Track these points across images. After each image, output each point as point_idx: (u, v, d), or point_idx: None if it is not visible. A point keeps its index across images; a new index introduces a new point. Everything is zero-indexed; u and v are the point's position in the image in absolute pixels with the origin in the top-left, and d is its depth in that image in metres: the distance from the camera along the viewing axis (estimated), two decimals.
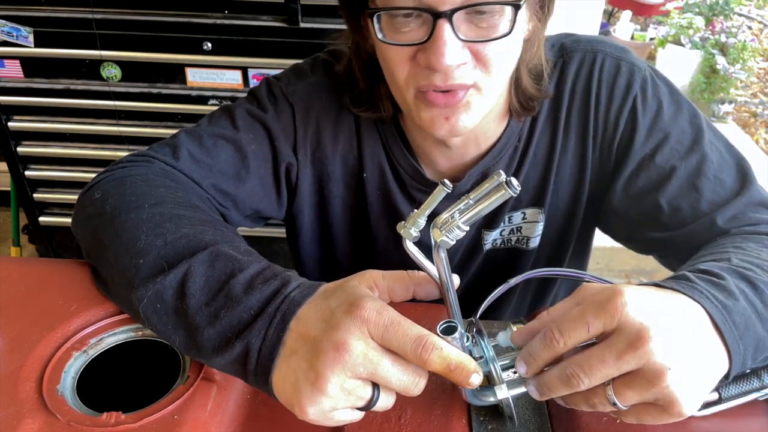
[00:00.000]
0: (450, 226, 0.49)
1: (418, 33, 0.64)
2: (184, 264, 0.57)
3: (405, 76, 0.67)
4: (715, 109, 3.01)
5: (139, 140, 1.80)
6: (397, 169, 0.84)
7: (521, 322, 0.58)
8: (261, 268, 0.56)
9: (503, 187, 0.46)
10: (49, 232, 2.01)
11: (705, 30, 3.06)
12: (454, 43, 0.62)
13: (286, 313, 0.51)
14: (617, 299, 0.48)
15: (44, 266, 0.74)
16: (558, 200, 0.85)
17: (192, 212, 0.66)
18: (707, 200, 0.74)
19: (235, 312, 0.53)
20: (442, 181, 0.50)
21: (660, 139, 0.76)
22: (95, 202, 0.68)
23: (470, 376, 0.49)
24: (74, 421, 0.54)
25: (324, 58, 0.85)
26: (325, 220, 0.90)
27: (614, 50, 0.79)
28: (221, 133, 0.79)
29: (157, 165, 0.75)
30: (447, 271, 0.52)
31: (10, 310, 0.65)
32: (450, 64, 0.62)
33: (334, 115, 0.82)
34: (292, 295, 0.53)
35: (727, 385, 0.57)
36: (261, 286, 0.54)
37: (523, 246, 0.90)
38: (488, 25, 0.63)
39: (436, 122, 0.69)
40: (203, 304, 0.55)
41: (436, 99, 0.67)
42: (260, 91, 0.83)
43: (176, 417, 0.55)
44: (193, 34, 1.63)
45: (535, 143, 0.81)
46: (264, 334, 0.51)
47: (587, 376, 0.48)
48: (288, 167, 0.83)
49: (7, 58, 1.69)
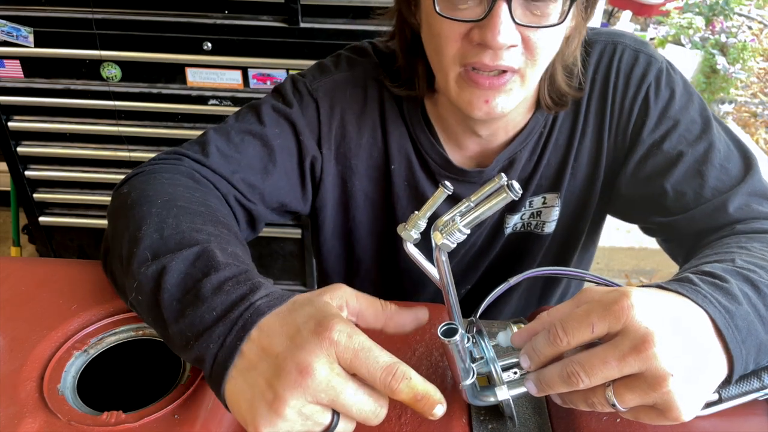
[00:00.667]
0: (451, 229, 0.48)
1: (475, 11, 0.66)
2: (167, 258, 0.57)
3: (454, 53, 0.69)
4: (715, 109, 3.01)
5: (139, 140, 1.80)
6: (425, 158, 0.85)
7: (522, 322, 0.58)
8: (237, 272, 0.55)
9: (504, 190, 0.46)
10: (49, 232, 2.01)
11: (705, 30, 3.06)
12: (509, 23, 0.64)
13: (248, 322, 0.49)
14: (624, 301, 0.48)
15: (44, 266, 0.74)
16: (574, 185, 0.87)
17: (201, 210, 0.67)
18: (711, 187, 0.75)
19: (198, 312, 0.52)
20: (442, 183, 0.50)
21: (669, 126, 0.78)
22: (122, 197, 0.70)
23: (435, 407, 0.48)
24: (75, 420, 0.54)
25: (347, 55, 0.87)
26: (347, 215, 0.91)
27: (633, 42, 0.81)
28: (248, 128, 0.81)
29: (186, 162, 0.77)
30: (448, 274, 0.52)
31: (10, 310, 0.65)
32: (504, 42, 0.64)
33: (358, 110, 0.84)
34: (258, 304, 0.51)
35: (727, 385, 0.57)
36: (229, 289, 0.53)
37: (539, 231, 0.91)
38: (541, 13, 0.66)
39: (475, 103, 0.71)
40: (175, 300, 0.54)
41: (480, 80, 0.69)
42: (285, 87, 0.85)
43: (176, 416, 0.55)
44: (193, 34, 1.63)
45: (557, 129, 0.84)
46: (222, 341, 0.49)
47: (588, 375, 0.48)
48: (313, 161, 0.84)
49: (7, 58, 1.69)
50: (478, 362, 0.56)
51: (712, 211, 0.75)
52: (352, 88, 0.84)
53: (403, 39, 0.80)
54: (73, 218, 1.96)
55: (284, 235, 1.92)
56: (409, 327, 0.56)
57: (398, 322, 0.55)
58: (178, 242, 0.59)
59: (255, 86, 1.68)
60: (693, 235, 0.77)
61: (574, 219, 0.90)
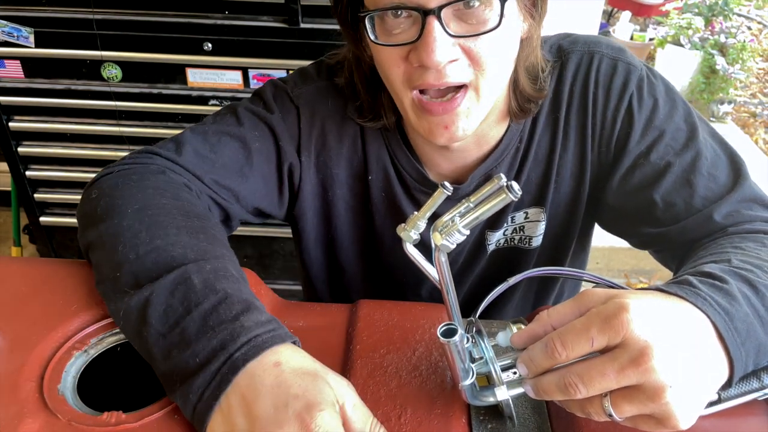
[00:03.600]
0: (450, 230, 0.48)
1: (409, 33, 0.65)
2: (147, 289, 0.58)
3: (401, 78, 0.68)
4: (714, 109, 3.01)
5: (140, 140, 1.80)
6: (401, 173, 0.85)
7: (521, 322, 0.58)
8: (216, 302, 0.56)
9: (504, 191, 0.46)
10: (50, 232, 2.01)
11: (704, 30, 3.06)
12: (443, 39, 0.63)
13: (224, 379, 0.51)
14: (623, 315, 0.48)
15: (45, 266, 0.74)
16: (559, 199, 0.85)
17: (174, 213, 0.67)
18: (700, 196, 0.74)
19: (182, 356, 0.53)
20: (442, 184, 0.50)
21: (655, 137, 0.77)
22: (91, 202, 0.70)
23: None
24: (75, 420, 0.54)
25: (329, 63, 0.85)
26: (328, 223, 0.90)
27: (611, 51, 0.79)
28: (226, 129, 0.80)
29: (157, 161, 0.76)
30: (447, 274, 0.52)
31: (10, 310, 0.65)
32: (440, 60, 0.63)
33: (339, 119, 0.83)
34: (236, 356, 0.52)
35: (728, 388, 0.57)
36: (211, 331, 0.54)
37: (526, 245, 0.90)
38: (477, 21, 0.64)
39: (435, 131, 0.70)
40: (160, 336, 0.56)
41: (433, 107, 0.68)
42: (266, 92, 0.84)
43: (176, 416, 0.55)
44: (193, 34, 1.63)
45: (536, 144, 0.82)
46: (201, 393, 0.51)
47: (585, 386, 0.48)
48: (291, 167, 0.83)
49: (8, 59, 1.69)
50: (477, 362, 0.56)
51: (703, 221, 0.74)
52: (333, 98, 0.83)
53: (362, 74, 0.79)
54: (74, 218, 1.95)
55: (284, 235, 1.92)
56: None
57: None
58: (155, 263, 0.60)
59: (255, 86, 1.68)
60: (685, 244, 0.76)
61: (562, 232, 0.89)
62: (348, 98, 0.82)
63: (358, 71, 0.79)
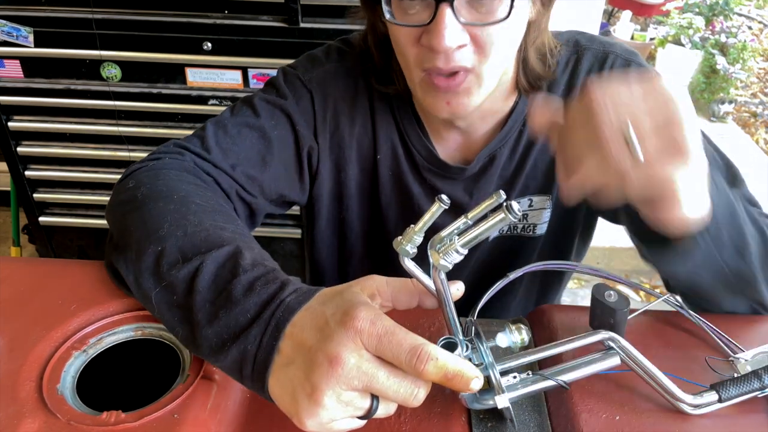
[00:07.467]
0: (448, 250, 0.48)
1: (422, 15, 0.67)
2: (198, 259, 0.58)
3: (413, 58, 0.70)
4: (715, 109, 3.01)
5: (139, 140, 1.80)
6: (410, 150, 0.86)
7: (521, 322, 0.58)
8: (265, 271, 0.56)
9: (503, 211, 0.45)
10: (49, 232, 2.01)
11: (705, 30, 3.06)
12: (454, 25, 0.65)
13: (281, 320, 0.51)
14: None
15: (44, 266, 0.74)
16: None
17: (218, 209, 0.68)
18: None
19: (232, 314, 0.53)
20: (439, 197, 0.49)
21: None
22: (128, 191, 0.70)
23: (470, 382, 0.48)
24: (74, 420, 0.54)
25: (338, 46, 0.88)
26: (340, 204, 0.92)
27: (625, 53, 0.83)
28: (245, 121, 0.81)
29: (188, 157, 0.77)
30: (445, 290, 0.52)
31: (10, 310, 0.65)
32: (449, 45, 0.65)
33: (350, 100, 0.85)
34: (288, 300, 0.52)
35: (727, 386, 0.57)
36: (259, 289, 0.54)
37: (530, 233, 0.91)
38: (487, 10, 0.66)
39: (438, 105, 0.72)
40: (207, 302, 0.55)
41: (438, 83, 0.70)
42: (278, 80, 0.85)
43: (176, 416, 0.55)
44: (193, 34, 1.63)
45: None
46: (260, 341, 0.51)
47: (614, 109, 0.51)
48: (310, 151, 0.85)
49: (7, 58, 1.69)
50: (477, 368, 0.56)
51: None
52: (343, 79, 0.85)
53: (376, 38, 0.81)
54: (73, 218, 1.96)
55: (284, 235, 1.93)
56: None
57: (433, 299, 0.56)
58: (205, 240, 0.60)
59: (255, 86, 1.68)
60: None
61: (567, 221, 0.90)
62: (360, 71, 0.85)
63: (372, 36, 0.82)
